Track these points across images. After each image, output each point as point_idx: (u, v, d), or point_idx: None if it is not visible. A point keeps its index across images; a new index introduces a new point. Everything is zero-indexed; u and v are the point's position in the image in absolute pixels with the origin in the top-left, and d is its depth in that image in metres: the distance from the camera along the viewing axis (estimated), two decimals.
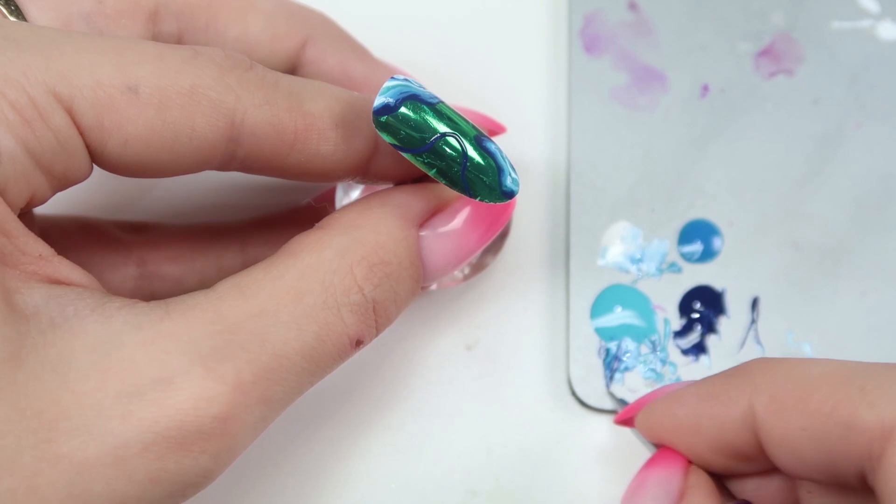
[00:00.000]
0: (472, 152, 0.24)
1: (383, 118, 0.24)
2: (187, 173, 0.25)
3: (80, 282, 0.23)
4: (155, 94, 0.23)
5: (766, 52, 0.34)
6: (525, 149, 0.33)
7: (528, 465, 0.31)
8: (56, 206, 0.27)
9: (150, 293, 0.29)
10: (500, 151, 0.25)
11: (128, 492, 0.21)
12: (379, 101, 0.24)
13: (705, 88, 0.34)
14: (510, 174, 0.25)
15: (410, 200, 0.26)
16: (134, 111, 0.23)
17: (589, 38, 0.35)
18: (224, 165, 0.25)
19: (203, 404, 0.21)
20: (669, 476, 0.25)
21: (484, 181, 0.25)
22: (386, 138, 0.24)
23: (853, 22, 0.35)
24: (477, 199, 0.25)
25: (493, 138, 0.30)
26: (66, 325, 0.22)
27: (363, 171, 0.26)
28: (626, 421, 0.28)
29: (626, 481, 0.31)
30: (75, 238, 0.29)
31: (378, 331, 0.25)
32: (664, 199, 0.33)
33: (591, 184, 0.33)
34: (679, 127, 0.34)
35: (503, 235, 0.32)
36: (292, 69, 0.30)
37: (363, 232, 0.25)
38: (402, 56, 0.33)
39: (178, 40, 0.28)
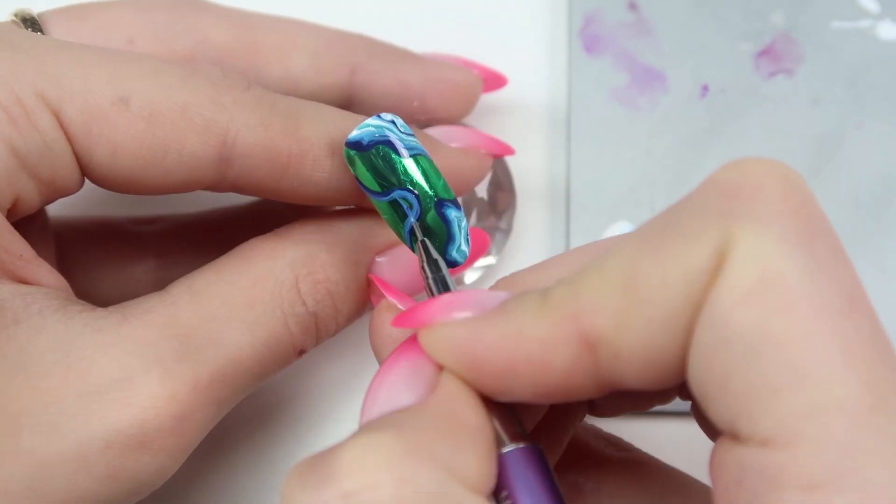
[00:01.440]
0: (427, 214, 0.24)
1: (352, 152, 0.24)
2: (178, 191, 0.25)
3: (51, 284, 0.24)
4: (146, 108, 0.23)
5: (766, 52, 0.34)
6: (525, 149, 0.33)
7: None
8: (70, 203, 0.27)
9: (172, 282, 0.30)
10: (460, 220, 0.25)
11: (88, 487, 0.22)
12: (354, 134, 0.24)
13: (705, 88, 0.34)
14: (460, 245, 0.25)
15: (373, 227, 0.26)
16: (123, 122, 0.23)
17: (589, 38, 0.35)
18: (215, 185, 0.25)
19: (163, 403, 0.22)
20: (420, 363, 0.21)
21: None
22: (351, 169, 0.24)
23: (853, 22, 0.35)
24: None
25: (504, 159, 0.30)
26: (30, 321, 0.22)
27: (358, 202, 0.26)
28: (404, 324, 0.22)
29: None
30: (93, 237, 0.29)
31: (318, 342, 0.26)
32: (664, 199, 0.33)
33: (591, 184, 0.33)
34: (679, 127, 0.34)
35: (507, 232, 0.32)
36: (346, 99, 0.29)
37: (316, 248, 0.25)
38: None
39: None
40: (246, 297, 0.24)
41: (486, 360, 0.20)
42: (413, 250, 0.25)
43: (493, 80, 0.32)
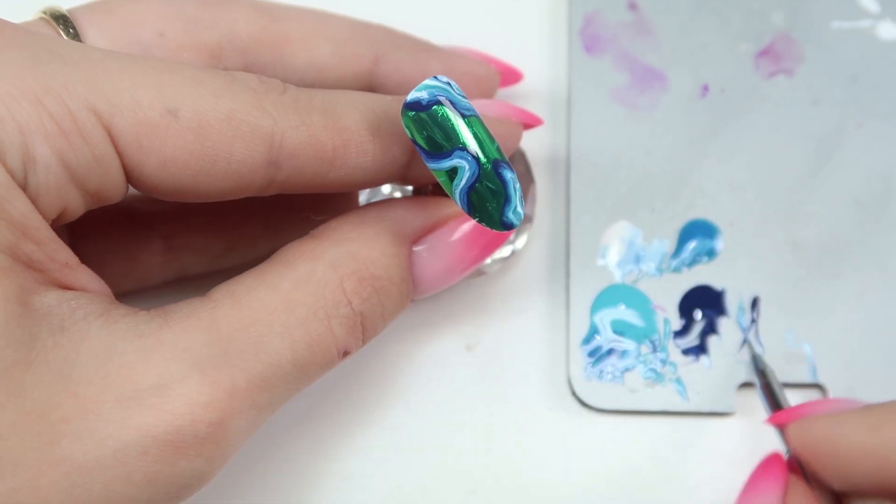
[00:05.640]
0: (485, 175, 0.24)
1: (412, 113, 0.24)
2: (226, 198, 0.25)
3: (94, 289, 0.24)
4: (194, 119, 0.23)
5: (766, 52, 0.34)
6: (525, 149, 0.33)
7: (528, 465, 0.31)
8: None
9: (179, 265, 0.30)
10: (515, 182, 0.25)
11: (126, 493, 0.22)
12: (413, 95, 0.24)
13: (705, 88, 0.34)
14: (516, 207, 0.25)
15: (407, 216, 0.26)
16: (172, 134, 0.23)
17: (589, 38, 0.35)
18: (264, 190, 0.25)
19: (199, 410, 0.22)
20: (772, 488, 0.26)
21: (487, 207, 0.24)
22: (408, 133, 0.24)
23: (853, 22, 0.35)
24: (475, 221, 0.25)
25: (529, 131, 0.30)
26: (75, 327, 0.22)
27: (402, 177, 0.26)
28: (780, 424, 0.28)
29: (626, 481, 0.31)
30: (99, 218, 0.29)
31: (364, 342, 0.26)
32: (664, 199, 0.33)
33: (591, 184, 0.33)
34: (679, 127, 0.34)
35: (530, 219, 0.32)
36: (368, 88, 0.30)
37: (356, 245, 0.25)
38: None
39: None
40: (287, 300, 0.24)
41: (843, 452, 0.25)
42: (470, 214, 0.25)
43: (510, 75, 0.33)
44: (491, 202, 0.24)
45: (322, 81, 0.29)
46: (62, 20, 0.26)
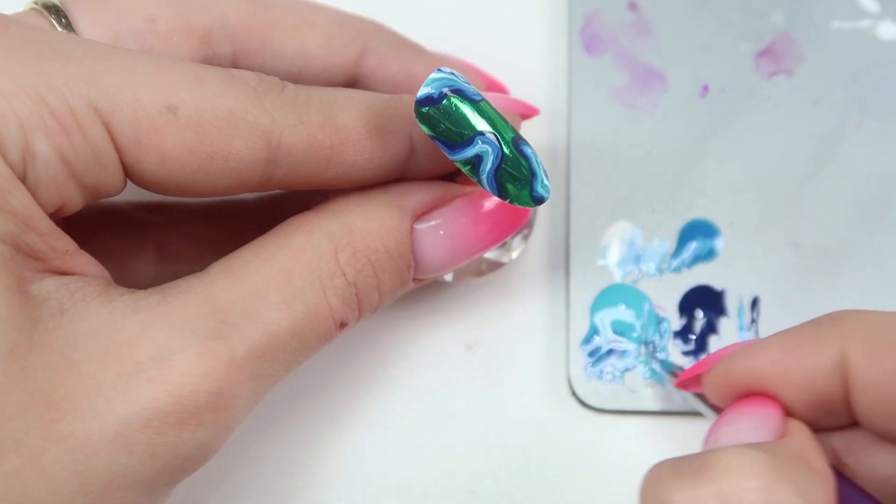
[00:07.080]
0: (507, 155, 0.24)
1: (425, 109, 0.24)
2: (224, 195, 0.25)
3: (93, 272, 0.24)
4: (193, 117, 0.23)
5: (766, 52, 0.34)
6: None
7: (528, 465, 0.31)
8: None
9: (172, 275, 0.30)
10: (536, 156, 0.25)
11: (130, 466, 0.22)
12: (423, 91, 0.24)
13: (705, 88, 0.34)
14: (542, 180, 0.25)
15: (411, 191, 0.27)
16: (172, 132, 0.23)
17: (589, 38, 0.35)
18: (262, 187, 0.25)
19: (198, 380, 0.22)
20: (768, 413, 0.24)
21: (515, 185, 0.25)
22: (425, 130, 0.24)
23: (853, 22, 0.35)
24: (506, 201, 0.25)
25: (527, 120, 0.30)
26: (74, 309, 0.22)
27: (401, 174, 0.26)
28: (688, 382, 0.27)
29: (626, 481, 0.31)
30: (95, 223, 0.29)
31: (361, 315, 0.26)
32: (664, 199, 0.33)
33: (591, 184, 0.33)
34: (679, 127, 0.34)
35: (529, 225, 0.32)
36: (352, 79, 0.30)
37: (354, 217, 0.25)
38: None
39: (234, 62, 0.28)
40: (283, 271, 0.24)
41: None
42: (501, 197, 0.25)
43: (497, 90, 0.33)
44: (519, 180, 0.25)
45: (310, 70, 0.29)
46: (54, 10, 0.26)
